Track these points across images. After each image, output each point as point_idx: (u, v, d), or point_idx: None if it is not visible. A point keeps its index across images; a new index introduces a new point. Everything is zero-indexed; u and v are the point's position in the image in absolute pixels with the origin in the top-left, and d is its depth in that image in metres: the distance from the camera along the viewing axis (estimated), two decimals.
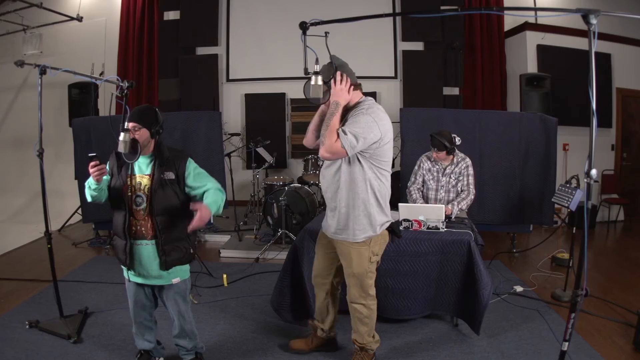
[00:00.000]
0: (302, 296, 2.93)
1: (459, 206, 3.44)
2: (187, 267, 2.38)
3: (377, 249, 2.34)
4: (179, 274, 2.34)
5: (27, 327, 2.94)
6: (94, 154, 2.11)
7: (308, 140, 2.41)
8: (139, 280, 2.32)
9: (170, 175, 2.24)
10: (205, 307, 3.24)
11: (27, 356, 2.64)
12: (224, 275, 3.79)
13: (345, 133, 2.09)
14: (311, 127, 2.37)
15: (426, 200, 3.61)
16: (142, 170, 2.27)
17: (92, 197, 2.23)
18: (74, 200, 5.22)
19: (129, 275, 2.33)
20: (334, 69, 2.21)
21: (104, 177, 2.21)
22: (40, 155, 2.85)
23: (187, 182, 2.27)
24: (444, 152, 3.43)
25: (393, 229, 2.39)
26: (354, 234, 2.27)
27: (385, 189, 2.29)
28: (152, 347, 2.51)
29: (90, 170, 2.10)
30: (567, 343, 2.03)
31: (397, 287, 2.90)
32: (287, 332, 2.95)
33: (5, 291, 3.62)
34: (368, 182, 2.22)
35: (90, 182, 2.17)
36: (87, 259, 4.54)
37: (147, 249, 2.24)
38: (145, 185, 2.23)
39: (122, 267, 2.34)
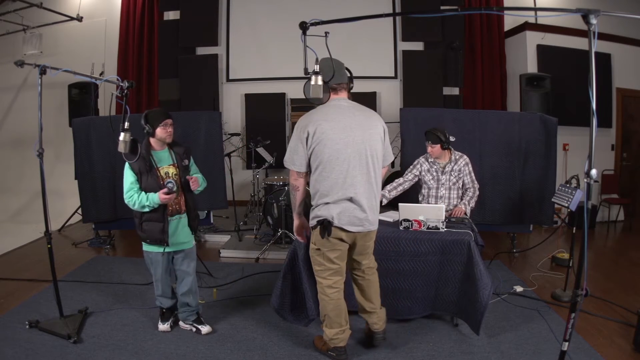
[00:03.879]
0: (303, 296, 2.93)
1: (470, 205, 3.47)
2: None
3: (314, 239, 2.52)
4: (192, 239, 2.97)
5: (27, 327, 2.94)
6: (172, 185, 2.69)
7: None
8: (173, 249, 2.85)
9: (186, 162, 2.89)
10: (205, 307, 3.24)
11: (27, 356, 2.64)
12: (214, 290, 3.64)
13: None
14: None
15: (428, 199, 3.61)
16: (166, 161, 2.81)
17: (150, 209, 2.70)
18: (74, 200, 5.22)
19: (164, 250, 2.81)
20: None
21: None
22: (40, 155, 2.84)
23: (191, 169, 2.94)
24: (439, 145, 3.44)
25: (321, 227, 2.44)
26: None
27: (316, 187, 2.44)
28: (174, 303, 3.01)
29: (166, 198, 2.66)
30: (567, 343, 2.03)
31: (397, 287, 2.90)
32: (287, 332, 2.96)
33: (5, 291, 3.63)
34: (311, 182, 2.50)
35: (155, 202, 2.65)
36: (87, 259, 4.55)
37: (182, 222, 2.87)
38: (173, 172, 2.81)
39: (155, 246, 2.80)
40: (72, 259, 4.53)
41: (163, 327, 2.97)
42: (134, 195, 2.66)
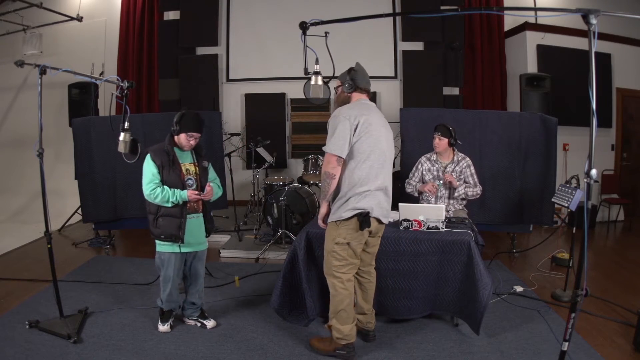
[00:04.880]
0: (302, 296, 2.93)
1: (464, 190, 3.47)
2: None
3: (344, 233, 2.49)
4: (206, 241, 3.02)
5: (27, 327, 2.94)
6: (192, 182, 2.83)
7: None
8: (189, 249, 2.88)
9: (205, 164, 2.93)
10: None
11: (27, 356, 2.64)
12: (236, 278, 3.79)
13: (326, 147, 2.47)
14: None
15: (428, 199, 3.61)
16: (188, 160, 2.87)
17: (172, 203, 2.72)
18: (74, 200, 5.21)
19: (180, 249, 2.81)
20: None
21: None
22: (40, 155, 2.84)
23: (209, 172, 2.97)
24: (447, 139, 3.44)
25: (362, 219, 2.45)
26: (331, 215, 2.59)
27: (357, 174, 2.46)
28: (177, 306, 3.04)
29: (196, 196, 2.75)
30: (567, 343, 2.03)
31: (397, 287, 2.90)
32: (287, 332, 2.95)
33: (5, 291, 3.62)
34: (344, 172, 2.50)
35: (182, 198, 2.71)
36: (87, 259, 4.54)
37: (198, 221, 2.90)
38: (194, 170, 2.86)
39: (170, 244, 2.79)
40: (72, 259, 4.53)
41: (163, 327, 2.96)
42: (157, 189, 2.66)
